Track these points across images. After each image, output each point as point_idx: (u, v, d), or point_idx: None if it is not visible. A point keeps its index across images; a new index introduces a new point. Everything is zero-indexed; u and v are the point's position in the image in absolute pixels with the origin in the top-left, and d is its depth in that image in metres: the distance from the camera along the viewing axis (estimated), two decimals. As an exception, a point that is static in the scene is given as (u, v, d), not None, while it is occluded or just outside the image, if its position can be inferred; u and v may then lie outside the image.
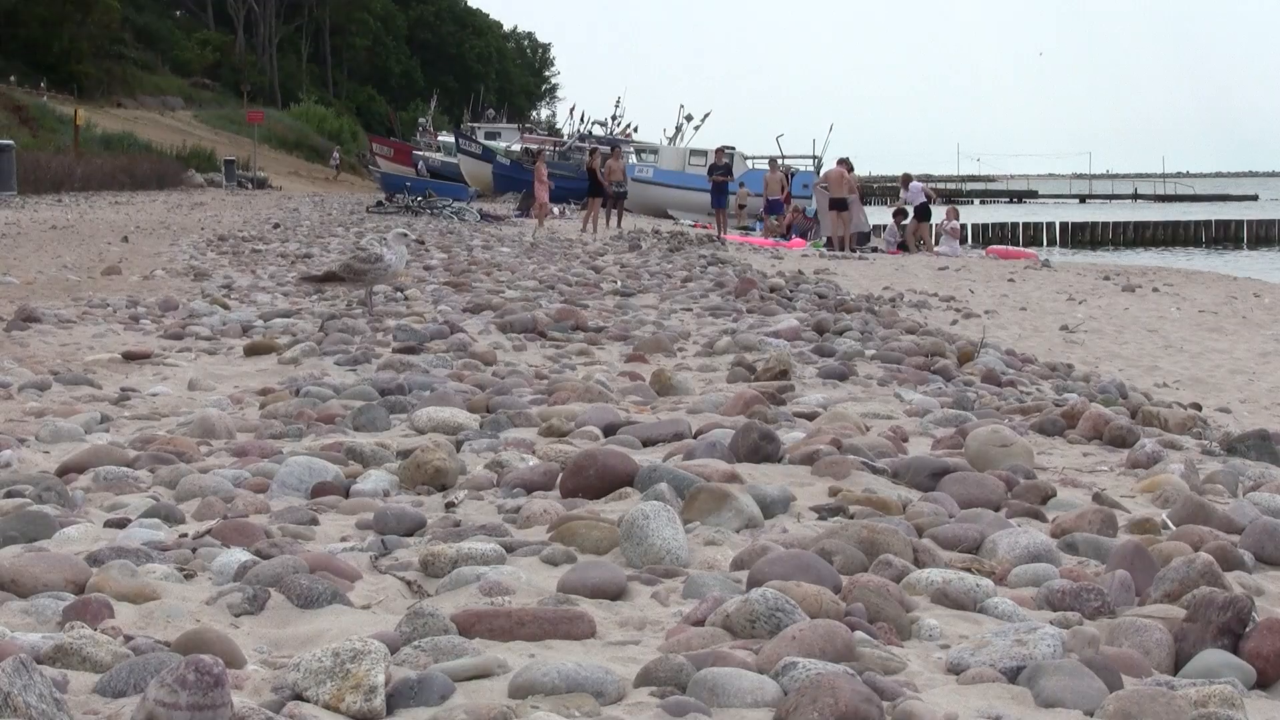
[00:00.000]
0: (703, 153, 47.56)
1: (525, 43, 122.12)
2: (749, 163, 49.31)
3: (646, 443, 5.71)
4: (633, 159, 51.30)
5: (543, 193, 33.51)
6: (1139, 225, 55.37)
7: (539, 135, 67.55)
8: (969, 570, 3.75)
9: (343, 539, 4.22)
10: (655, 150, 54.58)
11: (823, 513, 4.43)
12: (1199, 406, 8.50)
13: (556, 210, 38.78)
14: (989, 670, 3.01)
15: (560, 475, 4.87)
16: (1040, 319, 15.44)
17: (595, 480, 4.71)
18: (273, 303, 12.52)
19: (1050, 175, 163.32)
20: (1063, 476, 5.32)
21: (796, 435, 5.76)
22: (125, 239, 22.79)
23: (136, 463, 5.30)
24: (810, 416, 6.42)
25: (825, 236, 29.85)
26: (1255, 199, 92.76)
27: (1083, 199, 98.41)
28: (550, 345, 9.68)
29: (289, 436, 6.03)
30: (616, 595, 3.56)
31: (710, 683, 2.83)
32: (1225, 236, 53.94)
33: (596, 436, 5.84)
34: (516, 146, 60.51)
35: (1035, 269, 24.27)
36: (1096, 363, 11.77)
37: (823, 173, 33.60)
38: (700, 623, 3.27)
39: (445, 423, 6.10)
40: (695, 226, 37.56)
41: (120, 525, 4.29)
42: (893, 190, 38.54)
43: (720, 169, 34.25)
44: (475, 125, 70.02)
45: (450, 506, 4.65)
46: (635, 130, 62.47)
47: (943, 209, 32.21)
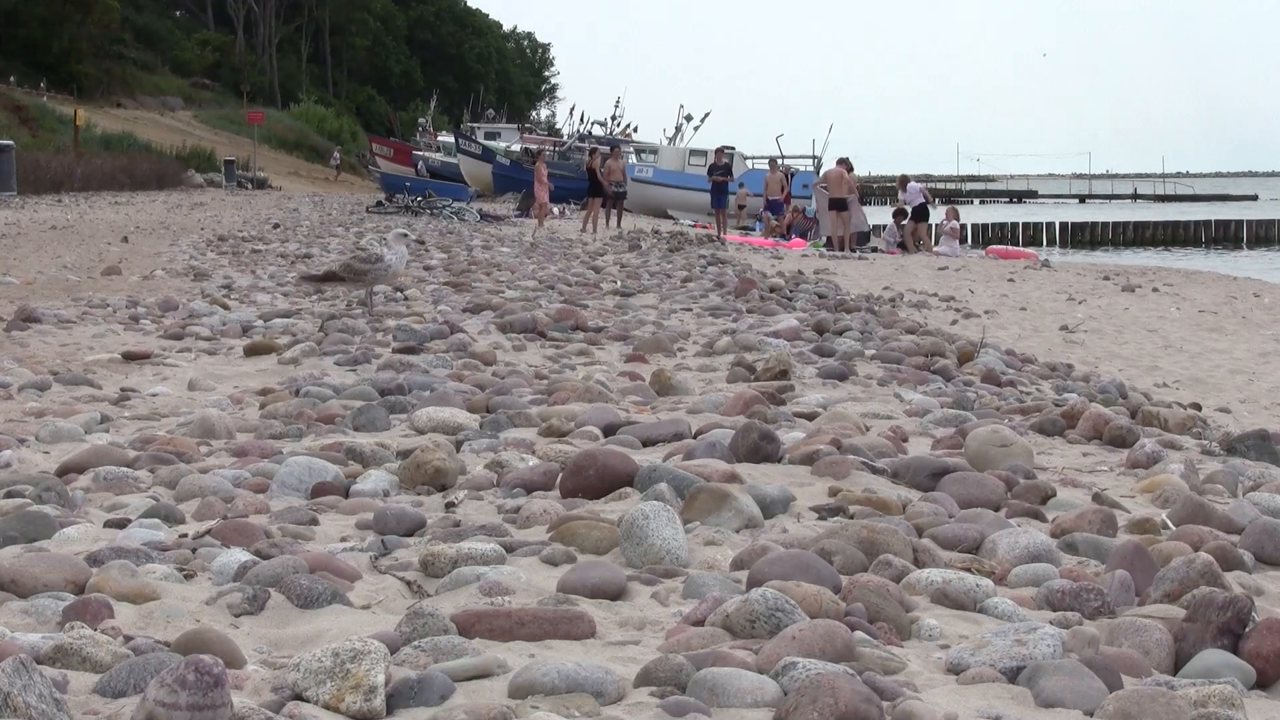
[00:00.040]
0: (702, 153, 47.55)
1: (525, 43, 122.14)
2: (749, 163, 49.30)
3: (646, 443, 5.71)
4: (632, 159, 51.29)
5: (542, 193, 33.52)
6: (1139, 225, 55.37)
7: (539, 135, 67.53)
8: (969, 570, 3.75)
9: (343, 539, 4.22)
10: (655, 150, 54.56)
11: (823, 513, 4.43)
12: (1199, 406, 8.50)
13: (556, 210, 38.78)
14: (989, 670, 3.01)
15: (560, 475, 4.86)
16: (1040, 319, 15.44)
17: (595, 480, 4.71)
18: (273, 303, 12.52)
19: (1050, 175, 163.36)
20: (1063, 476, 5.32)
21: (796, 435, 5.76)
22: (125, 239, 22.78)
23: (136, 463, 5.30)
24: (810, 416, 6.42)
25: (825, 236, 29.86)
26: (1255, 199, 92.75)
27: (1082, 199, 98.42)
28: (550, 345, 9.68)
29: (289, 436, 6.03)
30: (616, 595, 3.56)
31: (710, 683, 2.83)
32: (1225, 236, 53.93)
33: (596, 436, 5.84)
34: (516, 146, 60.49)
35: (1035, 269, 24.26)
36: (1096, 363, 11.77)
37: (822, 173, 33.60)
38: (700, 623, 3.27)
39: (445, 423, 6.10)
40: (695, 226, 37.56)
41: (120, 525, 4.29)
42: (892, 190, 38.51)
43: (720, 169, 34.27)
44: (475, 125, 70.03)
45: (450, 506, 4.64)
46: (635, 130, 62.49)
47: (942, 209, 32.22)
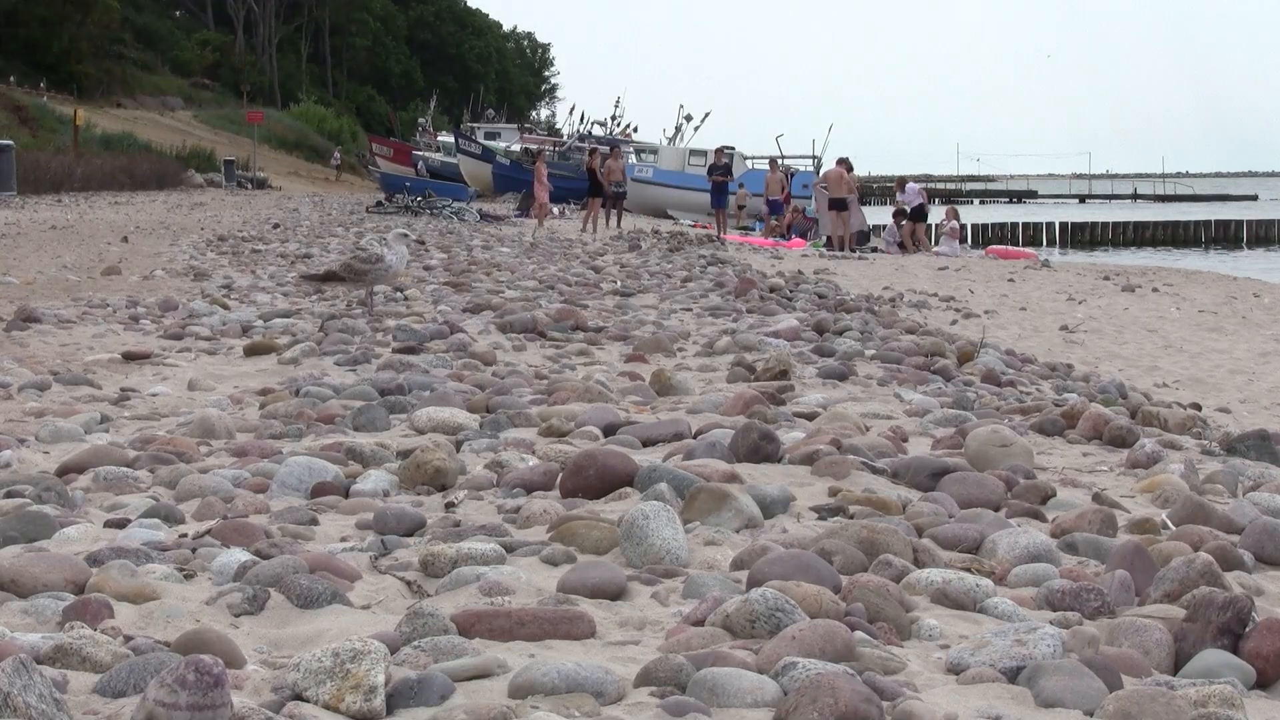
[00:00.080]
0: (702, 153, 47.57)
1: (525, 43, 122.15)
2: (749, 163, 49.31)
3: (646, 443, 5.71)
4: (632, 159, 51.30)
5: (542, 193, 33.53)
6: (1139, 225, 55.36)
7: (539, 135, 67.54)
8: (969, 570, 3.75)
9: (343, 539, 4.22)
10: (655, 150, 54.57)
11: (823, 513, 4.43)
12: (1199, 406, 8.50)
13: (556, 210, 38.79)
14: (989, 670, 3.01)
15: (560, 475, 4.86)
16: (1040, 319, 15.43)
17: (595, 480, 4.71)
18: (272, 303, 12.52)
19: (1050, 175, 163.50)
20: (1062, 476, 5.32)
21: (796, 435, 5.75)
22: (125, 239, 22.78)
23: (136, 463, 5.30)
24: (810, 416, 6.42)
25: (825, 236, 29.86)
26: (1255, 199, 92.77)
27: (1082, 199, 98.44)
28: (550, 345, 9.68)
29: (289, 436, 6.03)
30: (616, 595, 3.56)
31: (710, 683, 2.83)
32: (1225, 236, 53.92)
33: (596, 436, 5.83)
34: (516, 146, 60.50)
35: (1035, 269, 24.26)
36: (1096, 363, 11.76)
37: (822, 173, 33.62)
38: (700, 623, 3.26)
39: (445, 423, 6.10)
40: (695, 226, 37.56)
41: (120, 525, 4.29)
42: (892, 190, 38.53)
43: (720, 169, 34.29)
44: (475, 125, 70.05)
45: (450, 506, 4.64)
46: (635, 130, 62.51)
47: (942, 209, 32.22)
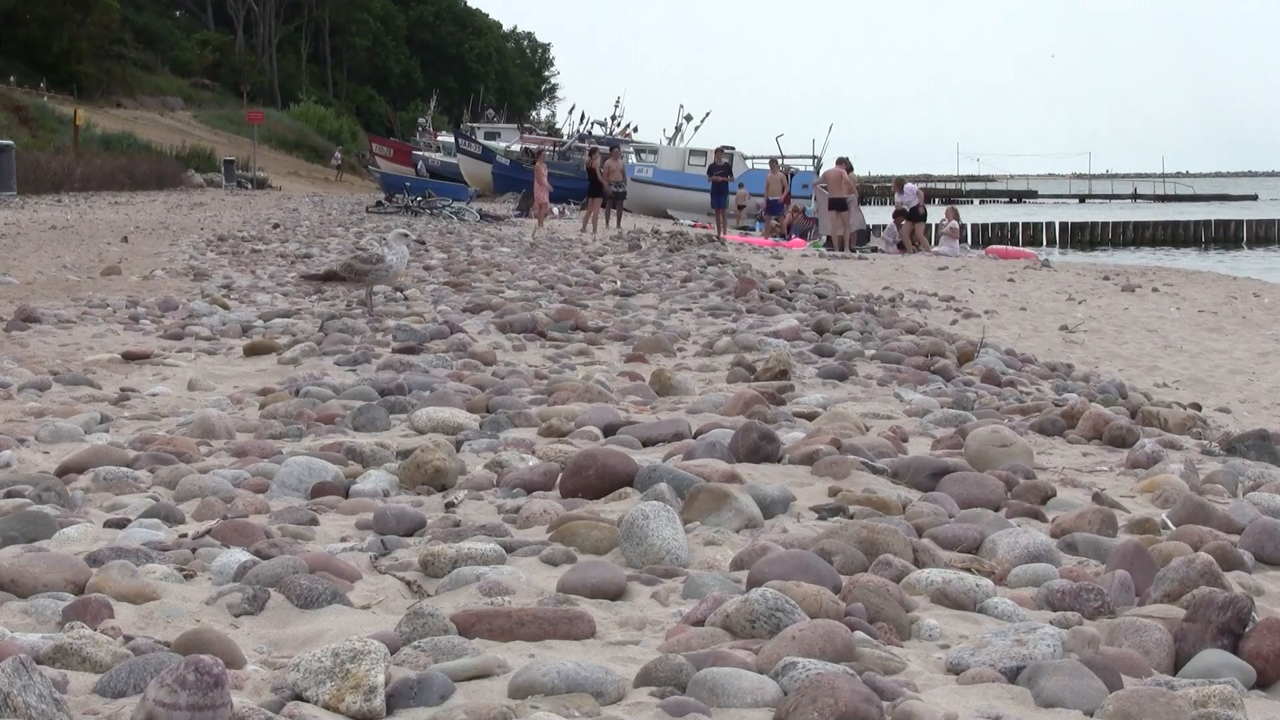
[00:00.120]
0: (702, 153, 47.58)
1: (525, 43, 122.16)
2: (749, 163, 49.31)
3: (646, 443, 5.71)
4: (632, 159, 51.30)
5: (542, 193, 33.53)
6: (1138, 225, 55.37)
7: (539, 135, 67.55)
8: (969, 570, 3.75)
9: (343, 539, 4.22)
10: (655, 150, 54.57)
11: (823, 513, 4.43)
12: (1199, 406, 8.50)
13: (556, 210, 38.79)
14: (989, 670, 3.01)
15: (560, 475, 4.86)
16: (1040, 319, 15.43)
17: (595, 480, 4.71)
18: (272, 303, 12.52)
19: (1050, 175, 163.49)
20: (1062, 476, 5.32)
21: (796, 435, 5.75)
22: (125, 239, 22.78)
23: (136, 463, 5.29)
24: (810, 416, 6.42)
25: (825, 236, 29.86)
26: (1255, 199, 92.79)
27: (1082, 199, 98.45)
28: (550, 345, 9.68)
29: (289, 436, 6.03)
30: (616, 595, 3.56)
31: (710, 683, 2.83)
32: (1225, 236, 53.94)
33: (596, 436, 5.83)
34: (516, 146, 60.51)
35: (1035, 269, 24.26)
36: (1096, 363, 11.76)
37: (822, 173, 33.62)
38: (700, 623, 3.26)
39: (445, 423, 6.10)
40: (695, 226, 37.57)
41: (120, 525, 4.28)
42: (892, 191, 38.57)
43: (720, 169, 34.29)
44: (475, 125, 70.06)
45: (450, 506, 4.64)
46: (635, 130, 62.51)
47: (942, 209, 32.22)
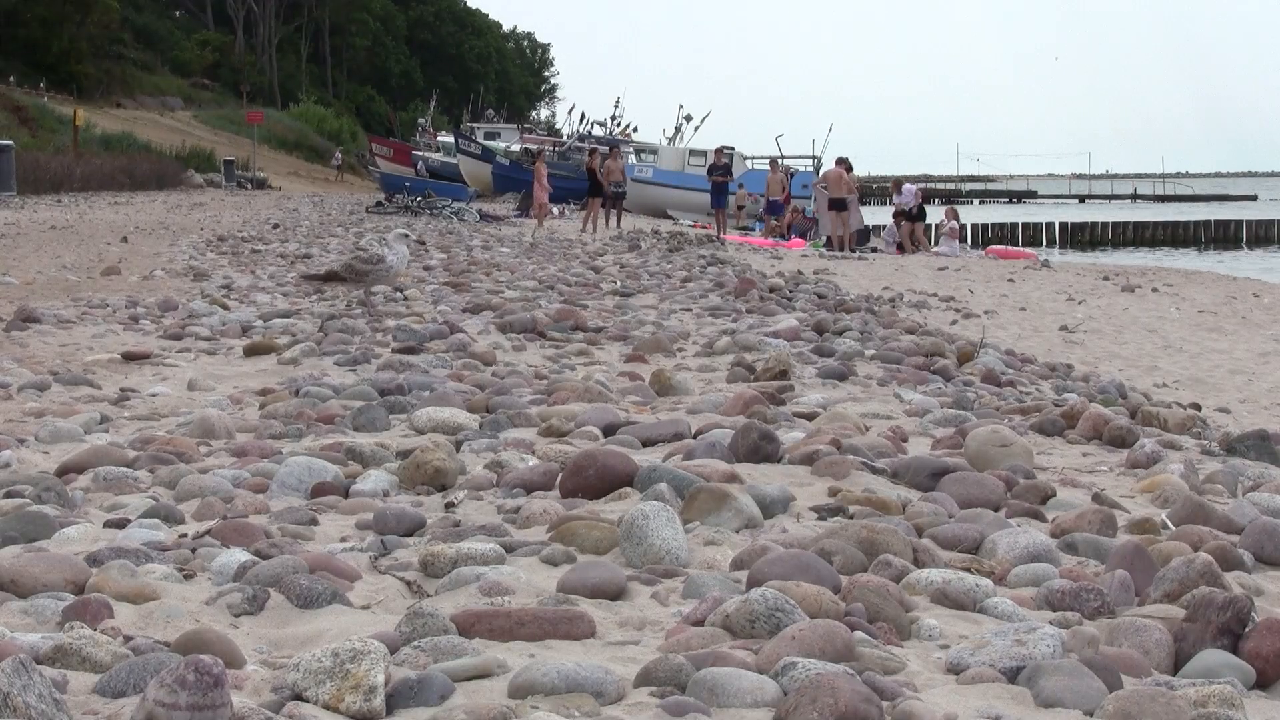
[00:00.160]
0: (702, 153, 47.59)
1: (525, 43, 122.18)
2: (749, 163, 49.33)
3: (646, 443, 5.71)
4: (632, 159, 51.31)
5: (542, 193, 33.54)
6: (1138, 225, 55.40)
7: (538, 135, 67.56)
8: (969, 570, 3.75)
9: (342, 539, 4.22)
10: (655, 150, 54.58)
11: (822, 513, 4.43)
12: (1198, 406, 8.49)
13: (556, 210, 38.80)
14: (989, 670, 3.01)
15: (560, 475, 4.86)
16: (1040, 319, 15.43)
17: (595, 480, 4.71)
18: (272, 303, 12.52)
19: (1050, 175, 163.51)
20: (1062, 476, 5.32)
21: (796, 435, 5.75)
22: (125, 239, 22.78)
23: (136, 463, 5.29)
24: (810, 416, 6.42)
25: (825, 236, 29.86)
26: (1255, 199, 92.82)
27: (1082, 199, 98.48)
28: (550, 345, 9.67)
29: (289, 437, 6.03)
30: (616, 595, 3.56)
31: (710, 683, 2.83)
32: (1225, 236, 53.97)
33: (596, 436, 5.83)
34: (516, 146, 60.52)
35: (1035, 269, 24.26)
36: (1096, 363, 11.76)
37: (821, 173, 33.63)
38: (700, 623, 3.26)
39: (445, 423, 6.10)
40: (695, 227, 37.57)
41: (120, 525, 4.28)
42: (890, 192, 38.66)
43: (720, 169, 34.30)
44: (475, 125, 70.09)
45: (450, 506, 4.64)
46: (635, 130, 62.54)
47: (942, 209, 32.24)
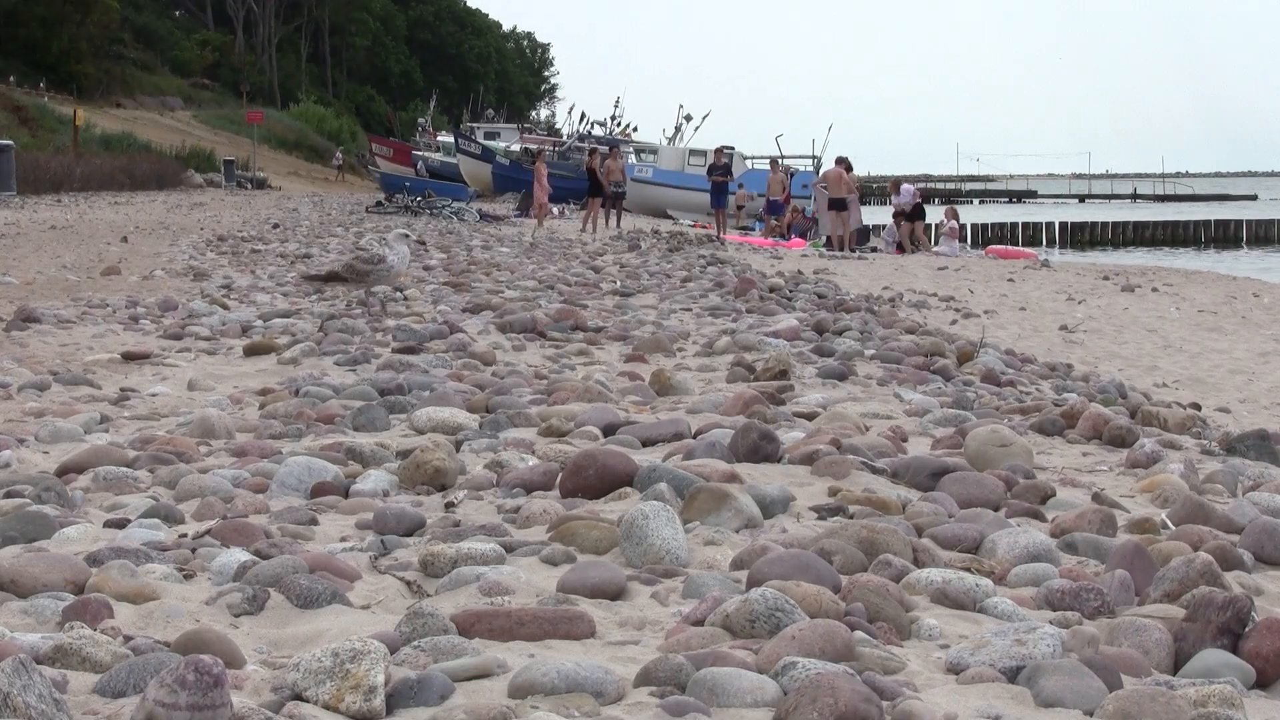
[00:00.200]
0: (702, 153, 47.59)
1: (524, 43, 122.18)
2: (749, 163, 49.35)
3: (646, 443, 5.71)
4: (632, 159, 51.32)
5: (542, 193, 33.54)
6: (1138, 225, 55.42)
7: (538, 135, 67.57)
8: (969, 570, 3.75)
9: (342, 539, 4.22)
10: (655, 150, 54.59)
11: (822, 513, 4.43)
12: (1198, 406, 8.49)
13: (556, 210, 38.80)
14: (989, 670, 3.01)
15: (560, 475, 4.86)
16: (1040, 319, 15.43)
17: (595, 480, 4.71)
18: (272, 303, 12.51)
19: (1049, 175, 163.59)
20: (1062, 476, 5.32)
21: (796, 435, 5.75)
22: (125, 239, 22.78)
23: (136, 463, 5.29)
24: (810, 416, 6.42)
25: (825, 236, 29.87)
26: (1254, 199, 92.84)
27: (1082, 199, 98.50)
28: (550, 345, 9.68)
29: (288, 436, 6.03)
30: (616, 595, 3.56)
31: (710, 683, 2.83)
32: (1224, 236, 53.98)
33: (596, 436, 5.83)
34: (516, 146, 60.53)
35: (1034, 269, 24.25)
36: (1096, 363, 11.76)
37: (821, 173, 33.63)
38: (700, 623, 3.26)
39: (445, 423, 6.10)
40: (695, 226, 37.57)
41: (120, 525, 4.28)
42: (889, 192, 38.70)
43: (720, 169, 34.31)
44: (474, 125, 70.11)
45: (450, 506, 4.64)
46: (635, 130, 62.55)
47: (941, 209, 32.24)
